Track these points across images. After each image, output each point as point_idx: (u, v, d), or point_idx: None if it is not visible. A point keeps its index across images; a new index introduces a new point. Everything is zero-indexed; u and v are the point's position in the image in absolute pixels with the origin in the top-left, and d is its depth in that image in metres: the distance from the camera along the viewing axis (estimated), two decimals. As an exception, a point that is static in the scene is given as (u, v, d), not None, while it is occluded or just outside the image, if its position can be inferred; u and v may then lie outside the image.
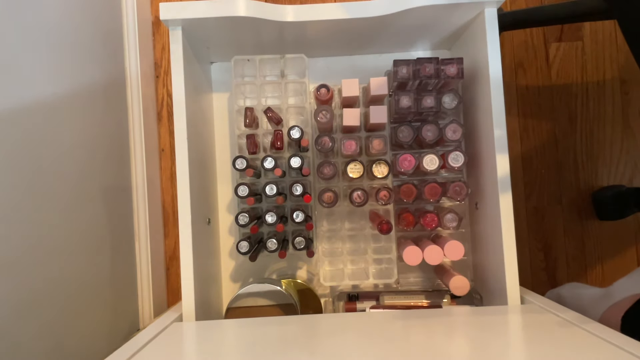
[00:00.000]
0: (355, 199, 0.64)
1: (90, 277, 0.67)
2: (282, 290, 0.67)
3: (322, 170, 0.63)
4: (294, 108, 0.72)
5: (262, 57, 0.68)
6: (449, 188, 0.64)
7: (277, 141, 0.67)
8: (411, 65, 0.62)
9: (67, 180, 0.62)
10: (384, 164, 0.64)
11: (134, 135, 0.82)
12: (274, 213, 0.64)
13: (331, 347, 0.47)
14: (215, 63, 0.79)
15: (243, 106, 0.68)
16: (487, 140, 0.62)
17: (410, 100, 0.62)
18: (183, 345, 0.52)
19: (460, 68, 0.61)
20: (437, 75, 0.61)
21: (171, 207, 0.92)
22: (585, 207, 0.93)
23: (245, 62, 0.69)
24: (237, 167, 0.63)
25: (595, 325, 0.47)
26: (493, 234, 0.62)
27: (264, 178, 0.71)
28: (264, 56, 0.69)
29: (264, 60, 0.69)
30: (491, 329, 0.50)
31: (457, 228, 0.65)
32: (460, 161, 0.63)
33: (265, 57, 0.69)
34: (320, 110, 0.63)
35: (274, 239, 0.65)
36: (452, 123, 0.63)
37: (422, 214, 0.65)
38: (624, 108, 0.93)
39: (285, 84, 0.70)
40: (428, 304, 0.69)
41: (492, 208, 0.62)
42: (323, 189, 0.65)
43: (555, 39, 0.95)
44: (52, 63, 0.61)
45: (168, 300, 0.90)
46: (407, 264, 0.63)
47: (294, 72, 0.73)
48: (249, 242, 0.65)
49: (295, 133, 0.62)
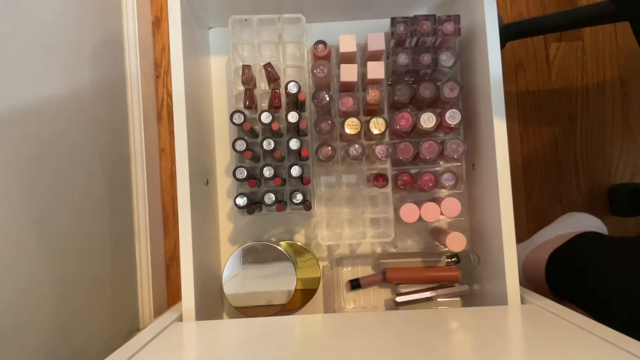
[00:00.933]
0: (351, 152, 0.64)
1: (90, 277, 0.67)
2: (281, 249, 0.68)
3: (319, 126, 0.64)
4: (291, 68, 0.72)
5: (260, 17, 0.68)
6: (446, 147, 0.64)
7: (275, 99, 0.67)
8: (408, 23, 0.62)
9: (66, 180, 0.62)
10: (381, 120, 0.64)
11: (134, 135, 0.82)
12: (271, 167, 0.64)
13: (331, 347, 0.47)
14: (214, 29, 0.78)
15: (240, 66, 0.67)
16: (484, 100, 0.62)
17: (407, 58, 0.63)
18: (183, 345, 0.52)
19: (458, 26, 0.62)
20: (434, 32, 0.62)
21: (171, 207, 0.92)
22: (585, 207, 0.93)
23: (244, 25, 0.69)
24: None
25: (595, 325, 0.47)
26: (490, 193, 0.62)
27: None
28: (261, 16, 0.68)
29: (261, 20, 0.68)
30: (491, 329, 0.50)
31: (454, 187, 0.66)
32: (457, 119, 0.63)
33: (263, 17, 0.68)
34: (317, 65, 0.63)
35: (272, 193, 0.65)
36: (449, 81, 0.63)
37: (420, 175, 0.66)
38: (624, 108, 0.93)
39: (284, 45, 0.69)
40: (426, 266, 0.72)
41: (488, 167, 0.62)
42: (320, 144, 0.65)
43: (555, 39, 0.95)
44: (52, 63, 0.61)
45: (168, 300, 0.90)
46: (405, 221, 0.64)
47: (292, 35, 0.73)
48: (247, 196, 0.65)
49: (292, 87, 0.63)
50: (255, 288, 0.70)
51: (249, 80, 0.65)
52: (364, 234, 0.70)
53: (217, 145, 0.77)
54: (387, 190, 0.69)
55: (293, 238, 0.77)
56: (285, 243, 0.74)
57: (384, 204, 0.71)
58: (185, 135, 0.60)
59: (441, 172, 0.66)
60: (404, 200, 0.69)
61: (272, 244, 0.70)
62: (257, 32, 0.68)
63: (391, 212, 0.69)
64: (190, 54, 0.65)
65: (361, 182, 0.72)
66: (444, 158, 0.68)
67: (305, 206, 0.66)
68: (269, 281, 0.69)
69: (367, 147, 0.66)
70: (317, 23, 0.77)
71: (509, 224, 0.59)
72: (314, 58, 0.66)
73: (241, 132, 0.67)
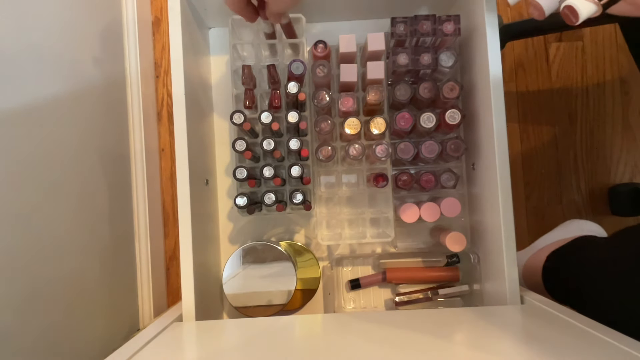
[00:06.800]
0: (351, 152, 0.64)
1: (90, 277, 0.67)
2: (281, 249, 0.68)
3: (319, 126, 0.64)
4: None
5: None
6: (446, 146, 0.64)
7: (275, 99, 0.67)
8: (408, 23, 0.62)
9: (66, 180, 0.62)
10: (381, 120, 0.64)
11: (133, 135, 0.82)
12: (271, 167, 0.64)
13: (331, 347, 0.47)
14: (214, 29, 0.78)
15: (240, 66, 0.67)
16: (484, 100, 0.62)
17: (407, 58, 0.63)
18: (183, 345, 0.52)
19: (458, 26, 0.62)
20: (434, 33, 0.62)
21: (171, 207, 0.92)
22: (585, 207, 0.93)
23: (244, 26, 0.69)
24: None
25: (595, 325, 0.47)
26: (490, 193, 0.62)
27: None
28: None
29: (261, 20, 0.69)
30: (491, 329, 0.50)
31: (454, 187, 0.66)
32: (457, 119, 0.63)
33: None
34: (317, 65, 0.63)
35: (272, 193, 0.65)
36: (449, 81, 0.63)
37: (420, 175, 0.66)
38: (624, 108, 0.93)
39: (283, 44, 0.69)
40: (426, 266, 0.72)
41: (488, 167, 0.62)
42: (320, 144, 0.65)
43: (555, 39, 0.95)
44: (52, 63, 0.61)
45: (168, 300, 0.90)
46: (405, 221, 0.65)
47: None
48: (247, 196, 0.65)
49: (292, 87, 0.63)
50: (255, 288, 0.70)
51: (249, 80, 0.65)
52: (363, 234, 0.70)
53: (217, 145, 0.77)
54: (387, 190, 0.69)
55: (293, 238, 0.77)
56: (285, 243, 0.74)
57: (384, 204, 0.71)
58: (185, 135, 0.60)
59: (441, 172, 0.66)
60: (404, 200, 0.69)
61: (272, 244, 0.70)
62: (257, 32, 0.69)
63: (391, 212, 0.69)
64: (190, 54, 0.65)
65: (361, 182, 0.72)
66: (444, 158, 0.68)
67: (305, 206, 0.66)
68: (269, 281, 0.69)
69: (367, 147, 0.66)
70: (317, 23, 0.77)
71: (508, 224, 0.59)
72: (314, 58, 0.66)
73: (241, 132, 0.67)
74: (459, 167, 0.72)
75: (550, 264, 0.72)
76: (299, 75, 0.64)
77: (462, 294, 0.72)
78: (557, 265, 0.71)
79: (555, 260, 0.72)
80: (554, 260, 0.72)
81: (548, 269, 0.72)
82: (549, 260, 0.73)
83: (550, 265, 0.72)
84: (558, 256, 0.73)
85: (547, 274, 0.72)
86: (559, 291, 0.69)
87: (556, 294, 0.70)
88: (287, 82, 0.63)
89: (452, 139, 0.65)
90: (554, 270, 0.71)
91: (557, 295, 0.69)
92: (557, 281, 0.70)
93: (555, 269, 0.71)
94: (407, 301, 0.72)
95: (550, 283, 0.71)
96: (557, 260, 0.72)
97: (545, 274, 0.72)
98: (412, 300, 0.72)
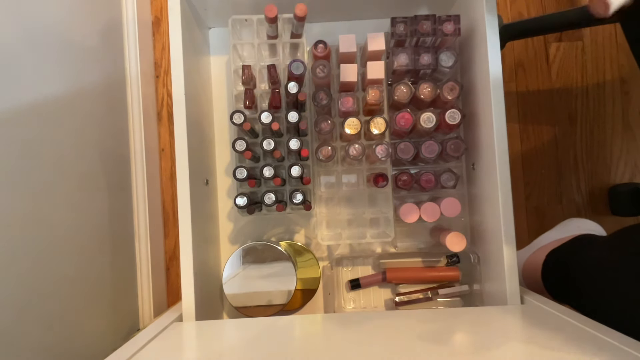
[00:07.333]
0: (351, 152, 0.64)
1: (90, 277, 0.67)
2: (281, 249, 0.69)
3: (319, 126, 0.64)
4: None
5: (260, 17, 0.68)
6: (446, 146, 0.64)
7: (275, 99, 0.67)
8: (408, 23, 0.62)
9: (67, 180, 0.62)
10: (381, 120, 0.64)
11: (134, 135, 0.82)
12: (271, 167, 0.64)
13: (331, 347, 0.47)
14: (214, 28, 0.78)
15: (240, 66, 0.67)
16: (484, 100, 0.62)
17: (407, 58, 0.63)
18: (183, 345, 0.52)
19: (458, 26, 0.62)
20: (434, 32, 0.62)
21: (171, 207, 0.92)
22: (585, 207, 0.93)
23: (244, 26, 0.69)
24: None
25: (595, 324, 0.47)
26: (490, 193, 0.62)
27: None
28: (261, 16, 0.68)
29: (261, 20, 0.68)
30: (491, 329, 0.50)
31: (454, 187, 0.66)
32: (457, 119, 0.63)
33: (263, 17, 0.68)
34: (317, 65, 0.63)
35: (272, 193, 0.65)
36: (449, 81, 0.63)
37: (420, 175, 0.66)
38: (624, 108, 0.93)
39: (283, 44, 0.69)
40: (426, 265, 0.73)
41: (488, 167, 0.62)
42: (320, 144, 0.65)
43: (555, 39, 0.95)
44: (52, 63, 0.61)
45: (168, 300, 0.90)
46: (405, 221, 0.65)
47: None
48: (247, 196, 0.65)
49: (292, 87, 0.63)
50: (255, 288, 0.70)
51: (249, 80, 0.65)
52: (363, 234, 0.70)
53: (217, 145, 0.77)
54: (387, 190, 0.69)
55: (293, 238, 0.77)
56: (285, 243, 0.74)
57: (384, 204, 0.71)
58: (185, 135, 0.60)
59: (441, 172, 0.66)
60: (404, 200, 0.69)
61: (272, 244, 0.70)
62: (257, 32, 0.68)
63: (391, 212, 0.69)
64: (190, 54, 0.65)
65: (361, 182, 0.72)
66: (444, 158, 0.68)
67: (305, 206, 0.66)
68: (269, 281, 0.69)
69: (367, 147, 0.66)
70: (317, 23, 0.77)
71: (508, 224, 0.59)
72: (314, 58, 0.66)
73: (241, 132, 0.67)
74: (459, 167, 0.72)
75: (549, 263, 0.72)
76: (299, 75, 0.64)
77: (462, 294, 0.72)
78: (556, 265, 0.71)
79: (555, 259, 0.72)
80: (554, 259, 0.73)
81: (547, 268, 0.72)
82: (549, 259, 0.73)
83: (550, 264, 0.72)
84: (558, 255, 0.73)
85: (547, 273, 0.72)
86: (558, 290, 0.69)
87: (555, 293, 0.70)
88: (287, 82, 0.63)
89: (452, 139, 0.65)
90: (554, 269, 0.71)
91: (556, 294, 0.69)
92: (557, 280, 0.70)
93: (555, 268, 0.71)
94: (407, 301, 0.72)
95: (549, 282, 0.71)
96: (556, 260, 0.72)
97: (545, 273, 0.72)
98: (412, 300, 0.72)
